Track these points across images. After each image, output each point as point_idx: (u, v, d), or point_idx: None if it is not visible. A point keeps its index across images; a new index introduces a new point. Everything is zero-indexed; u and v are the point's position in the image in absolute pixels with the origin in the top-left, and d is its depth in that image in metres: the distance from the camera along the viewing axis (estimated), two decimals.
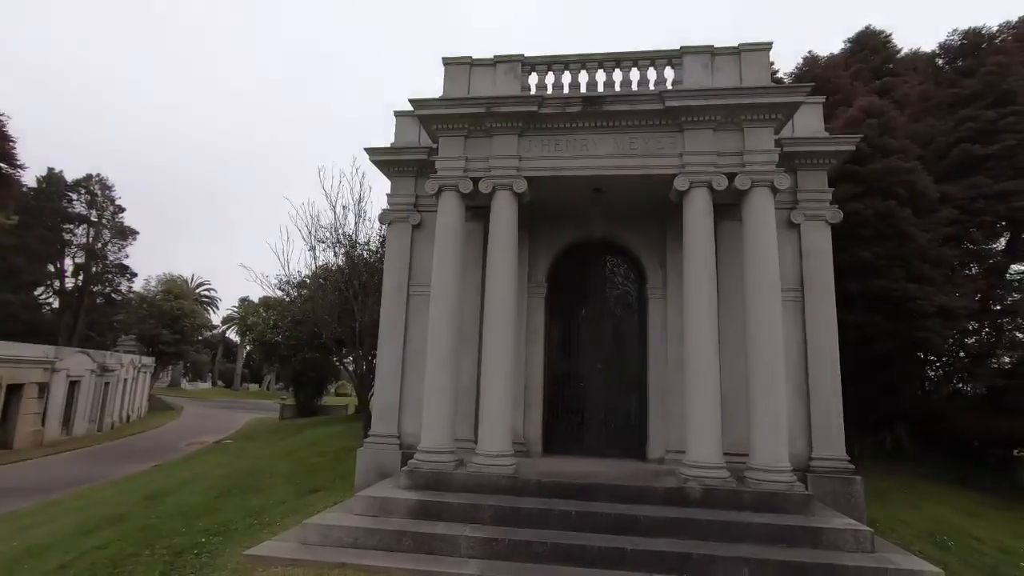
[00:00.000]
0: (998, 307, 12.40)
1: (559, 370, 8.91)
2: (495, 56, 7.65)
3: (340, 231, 15.20)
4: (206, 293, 57.14)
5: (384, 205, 9.11)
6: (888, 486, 10.28)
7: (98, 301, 38.11)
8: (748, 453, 7.18)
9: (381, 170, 9.08)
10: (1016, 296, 11.49)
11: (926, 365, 14.32)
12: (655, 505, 6.13)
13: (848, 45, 14.71)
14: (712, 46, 7.30)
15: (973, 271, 11.81)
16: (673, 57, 7.40)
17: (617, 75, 7.53)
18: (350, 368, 17.76)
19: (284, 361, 26.06)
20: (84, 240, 36.50)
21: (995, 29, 12.56)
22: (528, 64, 7.61)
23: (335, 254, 15.31)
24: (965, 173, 10.78)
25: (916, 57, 14.52)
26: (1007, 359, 13.03)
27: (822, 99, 8.57)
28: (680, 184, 6.95)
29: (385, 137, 29.92)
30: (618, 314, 9.00)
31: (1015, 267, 12.43)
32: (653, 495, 6.24)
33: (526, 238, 8.56)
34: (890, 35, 14.44)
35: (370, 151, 8.84)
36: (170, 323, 41.71)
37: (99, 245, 37.01)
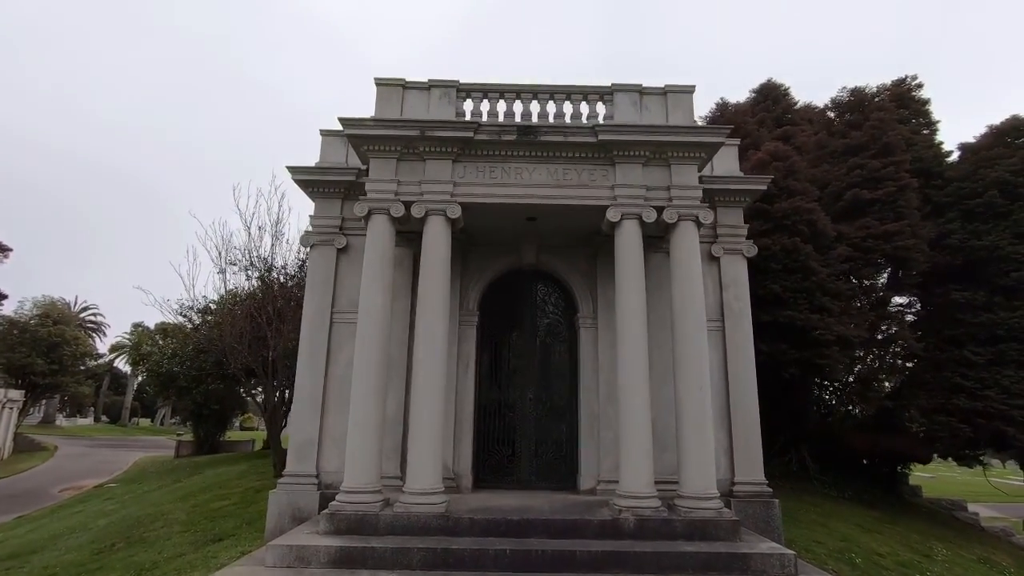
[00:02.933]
0: (880, 336, 13.69)
1: (490, 400, 8.70)
2: (430, 80, 7.54)
3: (255, 253, 14.22)
4: (91, 318, 51.60)
5: (306, 227, 8.62)
6: (797, 506, 10.84)
7: None
8: (678, 480, 7.30)
9: (305, 190, 8.60)
10: (896, 328, 12.72)
11: (821, 390, 15.51)
12: (591, 539, 6.01)
13: (753, 95, 16.07)
14: (640, 85, 7.62)
15: (864, 304, 12.98)
16: (605, 93, 7.64)
17: (551, 107, 7.65)
18: (259, 400, 16.51)
19: (183, 393, 23.81)
20: None
21: (875, 89, 14.21)
22: (463, 90, 7.56)
23: (248, 278, 14.28)
24: (856, 215, 11.95)
25: (810, 110, 16.11)
26: (887, 384, 14.37)
27: (737, 142, 9.19)
28: (612, 215, 7.09)
29: (297, 159, 28.65)
30: (549, 343, 8.98)
31: (896, 300, 13.84)
32: (588, 528, 6.13)
33: (458, 265, 8.38)
34: (788, 88, 15.95)
35: (293, 170, 8.36)
36: (46, 351, 37.03)
37: None
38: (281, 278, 14.72)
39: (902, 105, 14.06)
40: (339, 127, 7.40)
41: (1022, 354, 12.19)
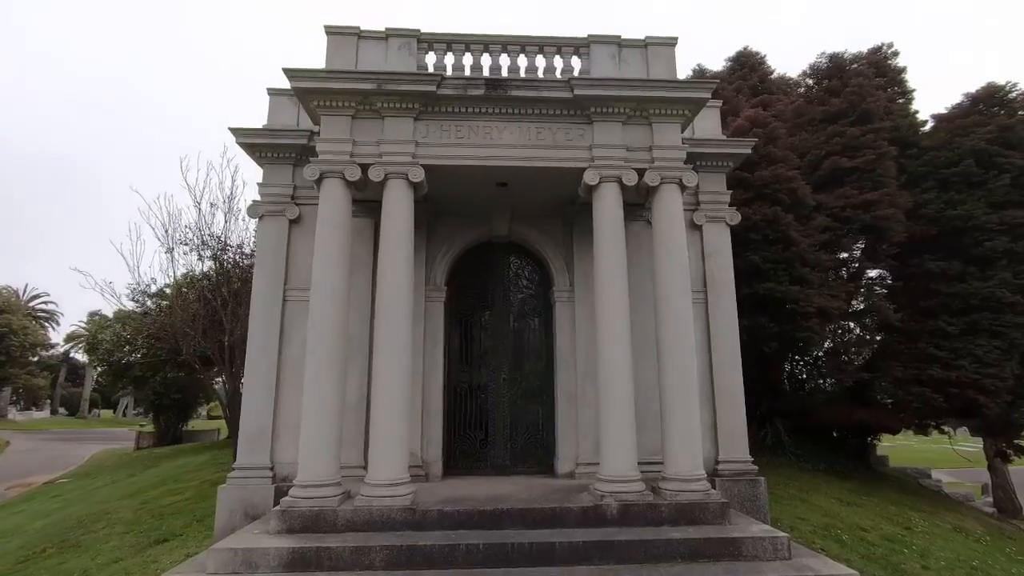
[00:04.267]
0: (857, 308, 13.58)
1: (460, 381, 8.13)
2: (387, 29, 6.77)
3: (207, 231, 13.25)
4: (43, 307, 49.03)
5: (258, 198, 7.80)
6: (776, 481, 10.65)
7: None
8: (662, 461, 6.87)
9: (251, 156, 7.78)
10: (873, 299, 12.57)
11: (792, 364, 15.45)
12: (572, 528, 5.54)
13: (729, 63, 15.60)
14: (619, 36, 7.01)
15: (842, 275, 12.79)
16: (580, 46, 7.00)
17: (522, 60, 6.99)
18: (219, 388, 15.63)
19: (139, 383, 22.66)
20: None
21: (851, 56, 13.87)
22: (425, 41, 6.83)
23: (200, 258, 13.31)
24: (835, 184, 11.66)
25: (784, 81, 15.76)
26: (862, 356, 14.33)
27: (719, 103, 8.69)
28: (590, 178, 6.52)
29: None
30: (523, 319, 8.43)
31: (871, 271, 13.70)
32: (568, 516, 5.66)
33: (423, 237, 7.73)
34: (764, 56, 15.52)
35: (237, 132, 7.53)
36: None
37: None
38: (237, 257, 13.80)
39: (879, 73, 13.76)
40: (288, 85, 6.61)
41: (995, 323, 12.20)
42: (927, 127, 14.01)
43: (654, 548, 5.20)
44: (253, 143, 7.58)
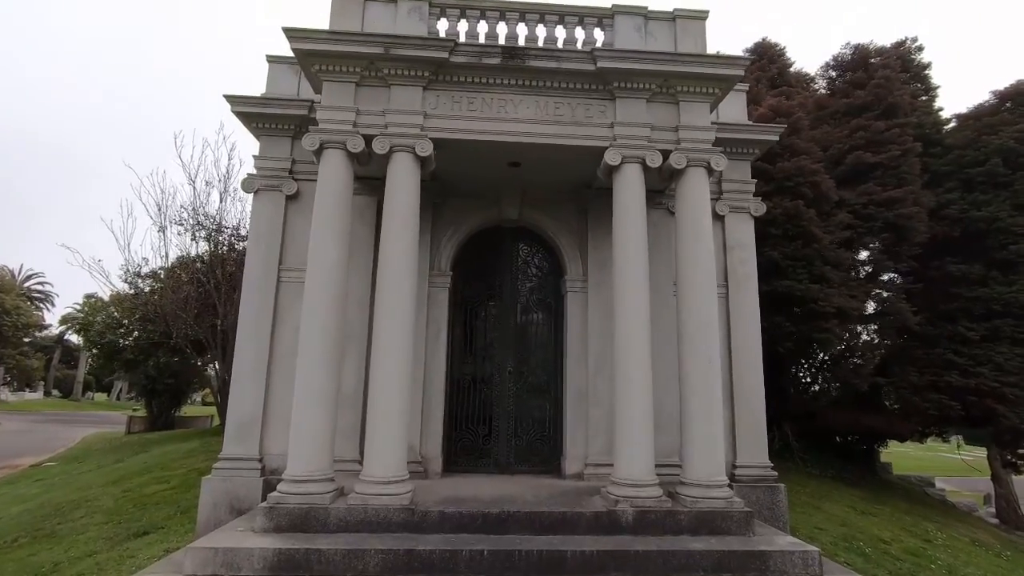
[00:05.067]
0: (874, 310, 13.13)
1: (463, 373, 7.67)
2: None
3: (201, 211, 12.76)
4: (38, 288, 48.50)
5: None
6: (787, 488, 10.26)
7: None
8: (679, 464, 6.45)
9: (248, 126, 7.29)
10: (892, 300, 12.12)
11: (797, 367, 15.01)
12: (583, 535, 5.10)
13: (747, 54, 15.09)
14: (646, 8, 6.51)
15: (859, 275, 12.34)
16: (604, 16, 6.51)
17: (540, 30, 6.50)
18: (211, 374, 15.17)
19: (131, 366, 22.19)
20: None
21: (875, 49, 13.37)
22: (437, 5, 6.32)
23: (194, 238, 12.83)
24: (858, 180, 11.20)
25: (802, 76, 15.26)
26: (876, 360, 13.88)
27: (746, 87, 8.21)
28: (611, 158, 6.04)
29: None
30: (532, 310, 7.97)
31: (890, 273, 13.25)
32: (579, 522, 5.21)
33: (428, 219, 7.26)
34: (784, 48, 15.01)
35: (233, 100, 7.04)
36: None
37: None
38: (232, 239, 13.32)
39: (903, 68, 13.28)
40: (289, 52, 6.13)
41: (1016, 330, 11.77)
42: (950, 125, 13.55)
43: (673, 560, 4.76)
44: (250, 112, 7.09)
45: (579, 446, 7.04)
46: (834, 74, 13.55)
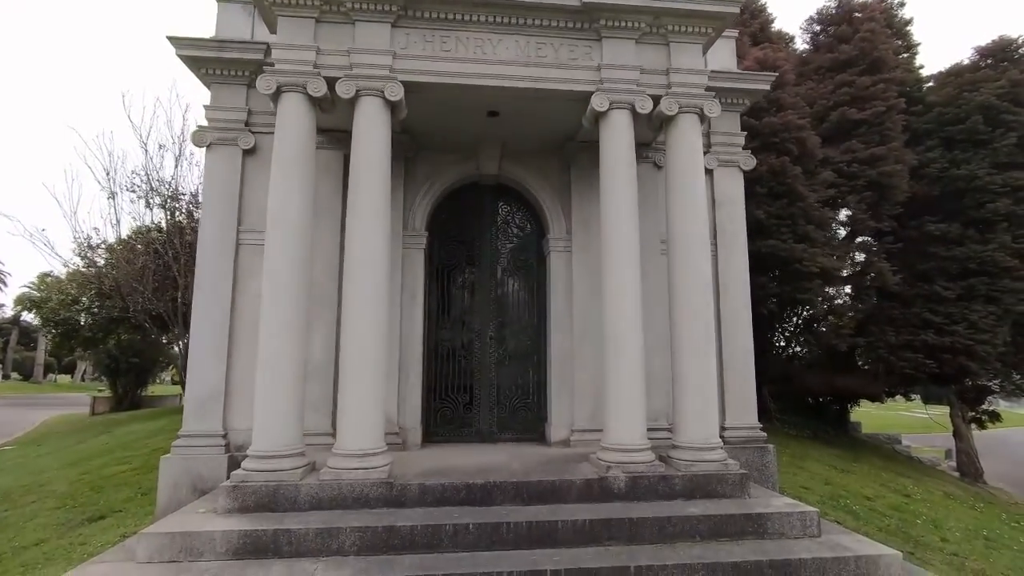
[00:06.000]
0: (854, 270, 13.12)
1: (442, 339, 7.28)
2: None
3: (155, 176, 11.89)
4: None
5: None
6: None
7: None
8: (668, 427, 6.27)
9: (197, 73, 6.58)
10: (873, 260, 12.08)
11: (771, 330, 15.05)
12: (574, 503, 4.82)
13: None
14: None
15: (838, 235, 12.25)
16: None
17: None
18: (178, 351, 14.43)
19: (91, 345, 21.18)
20: None
21: (859, 2, 13.03)
22: None
23: (148, 205, 11.98)
24: (842, 137, 10.99)
25: (782, 36, 14.87)
26: (855, 320, 13.95)
27: (736, 33, 7.78)
28: (598, 103, 5.59)
29: None
30: (513, 272, 7.57)
31: (860, 239, 13.20)
32: (570, 491, 4.93)
33: (400, 175, 6.73)
34: (765, 3, 14.54)
35: (178, 41, 6.31)
36: None
37: None
38: (191, 207, 12.50)
39: (887, 23, 12.99)
40: None
41: (992, 288, 11.87)
42: (931, 84, 13.38)
43: (669, 526, 4.52)
44: (198, 56, 6.38)
45: (565, 412, 6.75)
46: (818, 28, 13.19)
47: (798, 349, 16.26)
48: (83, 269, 15.53)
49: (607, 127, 5.67)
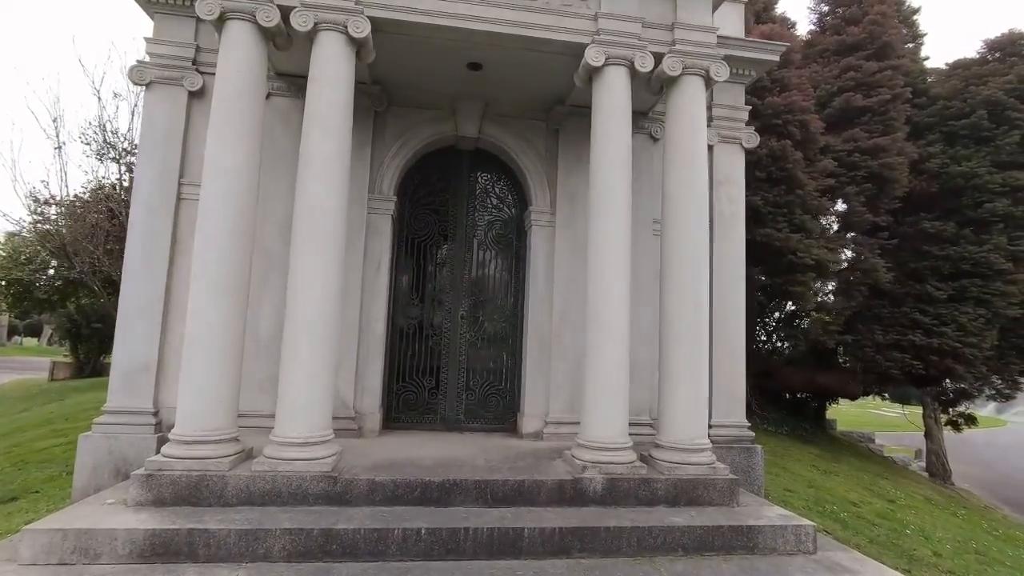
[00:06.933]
0: (846, 265, 12.73)
1: (409, 317, 6.65)
2: None
3: (109, 128, 10.93)
4: None
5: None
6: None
7: None
8: (650, 423, 5.77)
9: (139, 1, 5.75)
10: (867, 255, 11.67)
11: (756, 323, 14.70)
12: (543, 507, 4.26)
13: None
14: None
15: (831, 227, 11.82)
16: None
17: None
18: None
19: (47, 307, 20.09)
20: None
21: None
22: None
23: (100, 159, 11.03)
24: (845, 125, 10.49)
25: (787, 20, 14.27)
26: (843, 317, 13.61)
27: None
28: (593, 57, 4.93)
29: None
30: (490, 247, 6.91)
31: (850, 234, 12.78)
32: (539, 493, 4.37)
33: (367, 131, 6.04)
34: None
35: None
36: None
37: None
38: None
39: (895, 9, 12.44)
40: None
41: (983, 291, 11.56)
42: (933, 77, 12.92)
43: (649, 537, 3.99)
44: None
45: (539, 402, 6.18)
46: (826, 8, 12.58)
47: (779, 344, 16.00)
48: (30, 224, 14.50)
49: (601, 86, 5.02)
